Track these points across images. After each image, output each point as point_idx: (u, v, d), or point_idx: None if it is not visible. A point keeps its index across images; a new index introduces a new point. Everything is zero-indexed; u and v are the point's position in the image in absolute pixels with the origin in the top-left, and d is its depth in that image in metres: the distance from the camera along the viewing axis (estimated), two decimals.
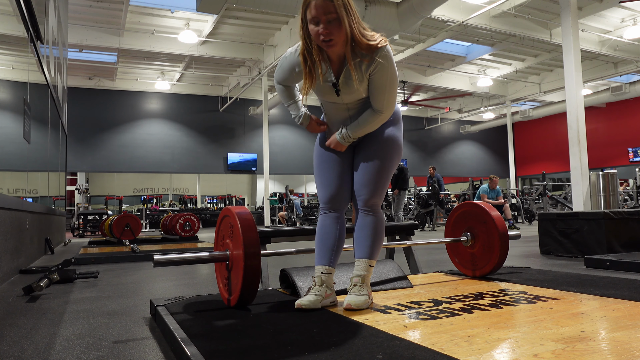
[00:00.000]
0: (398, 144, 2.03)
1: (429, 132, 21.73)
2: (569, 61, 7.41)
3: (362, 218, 2.01)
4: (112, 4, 10.77)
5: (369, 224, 1.99)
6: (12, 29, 4.63)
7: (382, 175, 1.99)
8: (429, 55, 14.52)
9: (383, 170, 1.99)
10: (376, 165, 1.98)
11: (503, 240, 2.51)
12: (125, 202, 19.29)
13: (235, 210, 2.00)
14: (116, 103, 16.26)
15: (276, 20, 11.93)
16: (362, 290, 1.92)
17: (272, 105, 16.00)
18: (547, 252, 4.57)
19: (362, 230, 2.00)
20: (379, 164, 1.98)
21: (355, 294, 1.91)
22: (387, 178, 2.01)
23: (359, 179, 2.01)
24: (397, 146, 2.03)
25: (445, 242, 2.74)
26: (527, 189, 15.52)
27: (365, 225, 1.99)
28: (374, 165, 1.98)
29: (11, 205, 3.52)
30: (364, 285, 1.95)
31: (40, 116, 5.54)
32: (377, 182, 1.98)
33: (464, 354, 1.29)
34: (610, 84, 16.93)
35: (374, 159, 1.98)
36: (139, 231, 7.05)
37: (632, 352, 1.26)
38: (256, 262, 1.88)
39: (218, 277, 2.19)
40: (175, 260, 2.02)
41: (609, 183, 6.34)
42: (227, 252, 2.04)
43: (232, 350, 1.39)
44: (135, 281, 3.43)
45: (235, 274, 1.96)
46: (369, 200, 1.99)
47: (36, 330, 1.98)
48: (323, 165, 2.08)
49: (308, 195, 23.20)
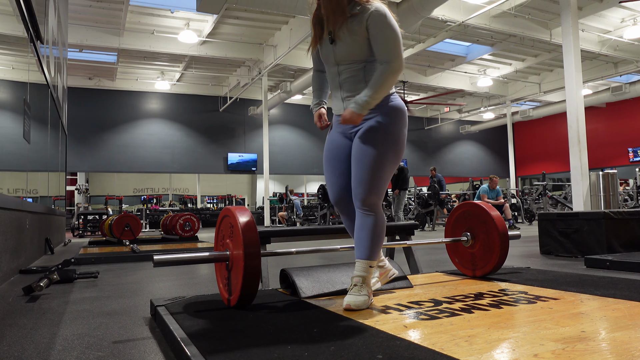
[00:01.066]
0: (394, 138, 1.95)
1: (429, 132, 21.73)
2: (569, 61, 7.41)
3: (361, 218, 1.98)
4: (112, 4, 10.77)
5: (367, 224, 1.96)
6: (12, 29, 4.63)
7: (375, 172, 1.93)
8: (429, 55, 14.52)
9: (376, 167, 1.92)
10: (368, 161, 1.93)
11: (503, 240, 2.51)
12: (125, 202, 19.28)
13: (235, 211, 2.00)
14: (116, 103, 16.26)
15: (276, 20, 11.93)
16: (362, 290, 1.92)
17: (272, 105, 16.00)
18: (547, 252, 4.57)
19: (361, 230, 1.98)
20: (372, 160, 1.92)
21: (354, 294, 1.91)
22: (382, 175, 1.94)
23: (354, 178, 1.98)
24: (392, 140, 1.95)
25: (445, 242, 2.73)
26: (527, 189, 15.52)
27: (364, 225, 1.97)
28: (366, 162, 1.93)
29: (11, 205, 3.52)
30: (364, 286, 1.95)
31: (40, 116, 5.54)
32: (371, 179, 1.93)
33: (464, 354, 1.29)
34: (610, 84, 16.93)
35: (366, 155, 1.94)
36: (139, 231, 7.05)
37: (632, 352, 1.26)
38: (256, 262, 1.88)
39: (218, 277, 2.19)
40: (175, 260, 2.02)
41: (609, 183, 6.34)
42: (227, 252, 2.04)
43: (232, 350, 1.39)
44: (135, 281, 3.43)
45: (235, 274, 1.96)
46: (365, 199, 1.94)
47: (36, 330, 1.98)
48: (327, 167, 2.13)
49: (308, 195, 23.19)
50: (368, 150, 1.94)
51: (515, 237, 2.78)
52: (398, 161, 2.00)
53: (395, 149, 1.96)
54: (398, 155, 1.98)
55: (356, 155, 1.97)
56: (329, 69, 2.06)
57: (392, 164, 1.98)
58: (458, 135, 22.24)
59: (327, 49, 2.01)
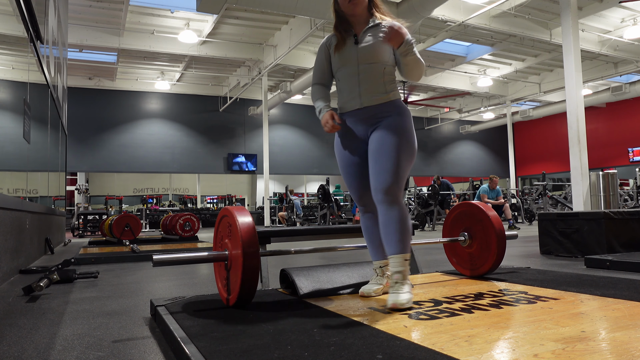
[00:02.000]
0: (409, 137, 2.04)
1: (429, 132, 21.72)
2: (569, 61, 7.41)
3: (386, 213, 1.98)
4: (112, 4, 10.77)
5: (393, 217, 1.97)
6: (12, 29, 4.63)
7: (396, 161, 1.98)
8: (429, 55, 14.52)
9: (397, 157, 1.99)
10: (389, 151, 1.99)
11: (500, 239, 2.51)
12: (125, 202, 19.28)
13: (234, 211, 2.00)
14: (116, 103, 16.26)
15: (276, 20, 11.93)
16: (403, 287, 1.92)
17: (272, 105, 16.00)
18: (547, 252, 4.57)
19: (388, 226, 1.98)
20: (393, 150, 1.99)
21: (396, 292, 1.91)
22: (401, 165, 1.99)
23: (374, 171, 2.02)
24: (408, 138, 2.04)
25: (443, 242, 2.74)
26: (527, 189, 15.52)
27: (391, 219, 1.97)
28: (387, 152, 1.99)
29: (11, 205, 3.52)
30: (405, 282, 1.95)
31: (40, 116, 5.54)
32: (393, 168, 1.98)
33: (464, 354, 1.29)
34: (610, 84, 16.93)
35: (386, 145, 2.00)
36: (139, 231, 7.05)
37: (632, 352, 1.26)
38: (255, 261, 1.88)
39: (217, 276, 2.20)
40: (174, 260, 2.03)
41: (609, 183, 6.34)
42: (226, 252, 2.04)
43: (232, 350, 1.39)
44: (135, 281, 3.43)
45: (234, 273, 1.97)
46: (389, 188, 1.97)
47: (36, 330, 1.98)
48: (345, 170, 2.20)
49: (308, 195, 23.20)
50: (388, 141, 2.01)
51: (512, 237, 2.78)
52: (412, 161, 2.07)
53: (411, 148, 2.05)
54: (412, 155, 2.06)
55: (376, 149, 2.03)
56: (347, 69, 2.12)
57: (408, 161, 2.03)
58: (458, 135, 22.24)
59: (351, 50, 2.11)
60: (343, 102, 2.17)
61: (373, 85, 2.08)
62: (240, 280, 1.88)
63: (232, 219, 1.98)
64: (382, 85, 2.08)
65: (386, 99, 2.08)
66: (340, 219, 12.03)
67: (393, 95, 2.09)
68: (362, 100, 2.09)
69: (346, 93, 2.14)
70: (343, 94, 2.16)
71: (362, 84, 2.09)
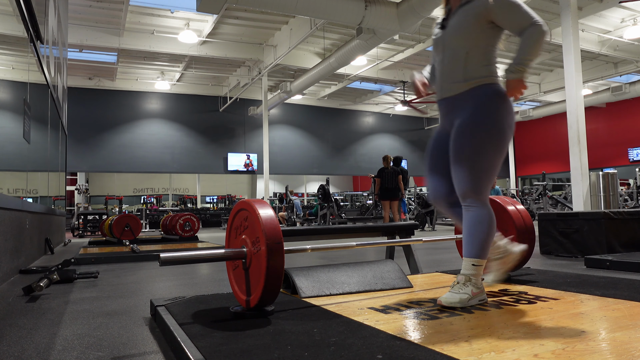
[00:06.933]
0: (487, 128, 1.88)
1: (429, 132, 21.72)
2: (569, 61, 7.40)
3: (464, 215, 1.96)
4: (112, 4, 10.76)
5: (467, 220, 1.94)
6: (12, 29, 4.63)
7: (470, 165, 1.89)
8: (429, 55, 14.50)
9: (470, 160, 1.89)
10: (461, 155, 1.91)
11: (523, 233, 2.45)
12: (125, 202, 19.28)
13: (255, 203, 1.86)
14: (116, 103, 16.25)
15: (276, 20, 11.92)
16: (463, 289, 1.89)
17: (272, 105, 15.99)
18: (547, 252, 4.57)
19: (464, 228, 1.96)
20: (465, 154, 1.90)
21: (451, 292, 1.90)
22: (480, 168, 1.89)
23: (452, 174, 1.97)
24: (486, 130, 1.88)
25: (456, 239, 2.61)
26: (527, 189, 15.53)
27: (465, 222, 1.95)
28: (459, 156, 1.92)
29: (11, 205, 3.52)
30: (467, 284, 1.89)
31: (40, 116, 5.54)
32: (467, 173, 1.89)
33: (464, 354, 1.29)
34: (610, 84, 16.92)
35: (458, 149, 1.92)
36: (139, 231, 7.06)
37: (632, 352, 1.26)
38: (280, 258, 1.75)
39: (231, 276, 2.05)
40: (183, 259, 1.86)
41: (609, 183, 6.34)
42: (244, 249, 1.89)
43: (232, 350, 1.39)
44: (135, 281, 3.43)
45: (255, 272, 1.82)
46: (464, 194, 1.92)
47: (36, 330, 1.98)
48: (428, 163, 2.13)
49: (308, 195, 23.19)
50: (459, 144, 1.92)
51: None
52: (499, 150, 1.91)
53: (490, 140, 1.89)
54: (496, 144, 1.90)
55: (451, 150, 1.97)
56: (437, 57, 2.06)
57: (489, 155, 1.90)
58: None
59: (438, 36, 2.07)
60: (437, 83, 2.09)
61: (451, 74, 1.96)
62: (264, 279, 1.73)
63: (252, 212, 1.83)
64: (462, 71, 1.93)
65: (465, 87, 1.92)
66: (340, 219, 12.03)
67: (476, 82, 1.92)
68: (441, 92, 2.01)
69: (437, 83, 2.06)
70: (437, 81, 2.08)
71: (443, 72, 2.00)
